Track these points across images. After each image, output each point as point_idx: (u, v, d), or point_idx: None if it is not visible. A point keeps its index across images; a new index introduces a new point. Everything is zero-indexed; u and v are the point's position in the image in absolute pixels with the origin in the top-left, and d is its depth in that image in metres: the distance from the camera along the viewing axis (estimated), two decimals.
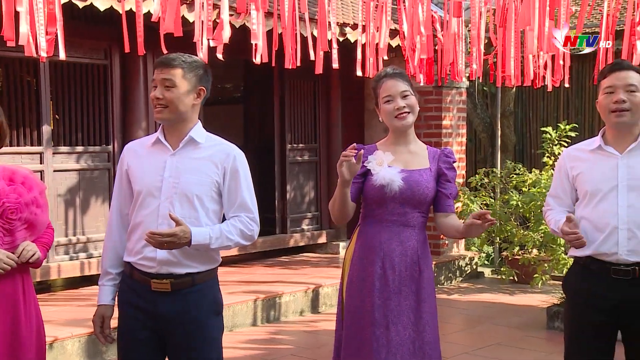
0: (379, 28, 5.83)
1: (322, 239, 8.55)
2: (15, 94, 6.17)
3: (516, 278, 7.90)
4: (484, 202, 8.22)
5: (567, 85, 6.91)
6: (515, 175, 8.25)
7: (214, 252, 2.91)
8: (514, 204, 7.75)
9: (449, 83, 7.93)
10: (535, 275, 7.58)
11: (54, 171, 6.36)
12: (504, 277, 7.90)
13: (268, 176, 8.31)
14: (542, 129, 8.58)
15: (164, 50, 4.52)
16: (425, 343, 3.06)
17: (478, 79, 8.79)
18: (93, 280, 5.98)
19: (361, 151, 2.96)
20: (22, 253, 2.82)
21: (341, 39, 6.97)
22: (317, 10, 5.69)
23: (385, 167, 3.04)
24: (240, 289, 6.48)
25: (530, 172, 8.21)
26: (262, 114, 8.63)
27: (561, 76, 6.47)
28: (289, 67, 5.46)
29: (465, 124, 8.64)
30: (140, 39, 4.67)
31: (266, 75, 8.14)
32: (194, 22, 4.99)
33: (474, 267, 8.43)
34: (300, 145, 8.47)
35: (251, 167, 3.06)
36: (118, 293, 2.96)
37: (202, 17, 4.87)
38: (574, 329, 3.19)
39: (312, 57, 5.56)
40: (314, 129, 8.59)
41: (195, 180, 2.84)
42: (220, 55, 4.99)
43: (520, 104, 10.55)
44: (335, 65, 5.69)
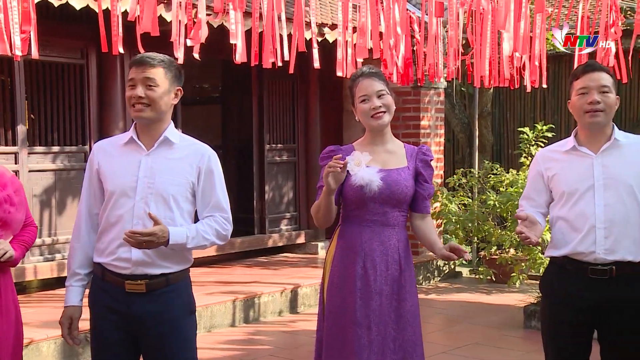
0: (356, 28, 5.83)
1: (301, 239, 8.54)
2: None
3: (494, 278, 7.94)
4: (462, 202, 8.26)
5: (545, 86, 6.96)
6: (492, 176, 8.30)
7: (187, 252, 2.91)
8: (491, 204, 7.80)
9: (427, 83, 7.96)
10: (512, 275, 7.63)
11: (30, 171, 6.29)
12: (481, 276, 7.94)
13: (246, 176, 8.28)
14: (519, 129, 8.64)
15: (142, 50, 4.49)
16: (405, 341, 3.07)
17: (456, 80, 8.83)
18: None
19: (346, 160, 2.97)
20: None
21: (319, 39, 6.97)
22: (294, 10, 5.68)
23: (364, 168, 3.04)
24: (219, 289, 6.46)
25: (508, 172, 8.27)
26: (241, 114, 8.60)
27: (537, 77, 6.52)
28: (268, 67, 5.44)
29: (444, 124, 8.68)
30: (116, 39, 4.63)
31: (244, 75, 8.12)
32: (171, 22, 4.96)
33: (452, 267, 8.46)
34: (279, 145, 8.45)
35: (229, 167, 3.06)
36: (89, 294, 2.93)
37: (180, 17, 4.85)
38: (551, 328, 3.21)
39: (286, 58, 5.54)
40: (292, 129, 8.58)
41: (171, 181, 2.84)
42: (197, 55, 4.97)
43: (498, 104, 10.62)
44: (316, 65, 5.68)
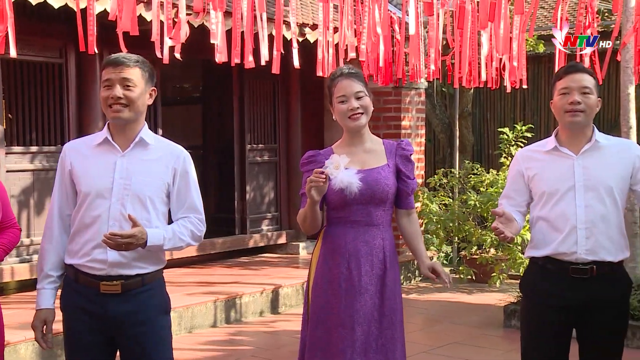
0: (337, 29, 5.83)
1: (282, 240, 8.53)
2: None
3: (474, 277, 7.98)
4: (443, 202, 8.29)
5: (525, 87, 7.01)
6: (473, 176, 8.34)
7: (161, 253, 2.91)
8: (472, 203, 7.84)
9: (407, 84, 7.98)
10: (492, 275, 7.68)
11: (7, 172, 6.22)
12: (462, 276, 7.98)
13: (227, 177, 8.25)
14: (500, 129, 8.69)
15: (123, 49, 4.46)
16: (387, 340, 3.08)
17: (437, 80, 8.87)
18: None
19: (326, 171, 2.97)
20: None
21: (300, 39, 6.96)
22: (275, 10, 5.68)
23: (342, 170, 3.04)
24: (200, 290, 6.43)
25: (488, 172, 8.32)
26: (221, 114, 8.57)
27: (517, 77, 6.56)
28: (249, 67, 5.43)
29: (424, 124, 8.70)
30: (92, 38, 4.60)
31: (225, 75, 8.09)
32: (151, 21, 4.94)
33: None
34: (260, 145, 8.43)
35: (210, 167, 3.06)
36: (60, 296, 2.90)
37: (161, 17, 4.82)
38: (532, 328, 3.23)
39: (267, 59, 5.53)
40: (273, 129, 8.56)
41: (147, 182, 2.83)
42: (178, 55, 4.95)
43: (478, 105, 10.68)
44: (296, 65, 5.67)
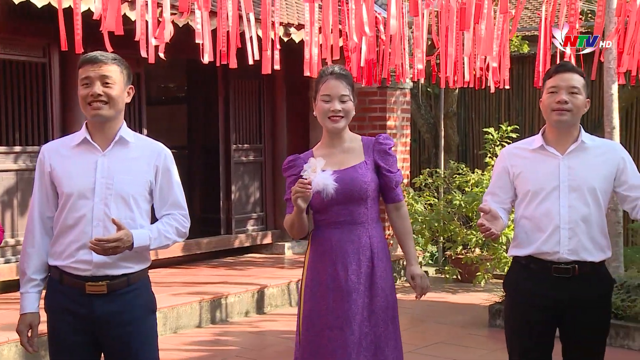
0: (321, 29, 5.83)
1: (268, 240, 8.52)
2: None
3: (459, 277, 8.01)
4: (428, 202, 8.32)
5: (508, 87, 7.04)
6: (458, 176, 8.37)
7: (146, 252, 2.90)
8: (457, 203, 7.87)
9: (392, 84, 7.99)
10: (477, 274, 7.72)
11: None
12: (447, 276, 8.01)
13: (212, 177, 8.23)
14: (484, 129, 8.73)
15: (109, 49, 4.44)
16: (377, 337, 3.08)
17: (422, 80, 8.88)
18: None
19: (309, 179, 2.99)
20: None
21: (286, 39, 6.96)
22: (261, 10, 5.67)
23: (319, 173, 3.04)
24: (185, 290, 6.41)
25: (473, 172, 8.35)
26: (206, 114, 8.55)
27: (499, 78, 6.59)
28: (233, 67, 5.42)
29: (410, 124, 8.72)
30: (79, 37, 4.57)
31: (210, 75, 8.07)
32: (135, 21, 4.92)
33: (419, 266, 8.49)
34: (245, 145, 8.42)
35: (195, 167, 3.05)
36: (45, 298, 2.88)
37: (146, 16, 4.80)
38: (515, 327, 3.25)
39: (256, 57, 5.52)
40: (258, 129, 8.55)
41: (130, 181, 2.82)
42: (162, 55, 4.93)
43: (463, 105, 10.72)
44: (276, 67, 5.66)
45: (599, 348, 3.20)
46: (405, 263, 7.89)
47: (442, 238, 8.35)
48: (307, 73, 5.85)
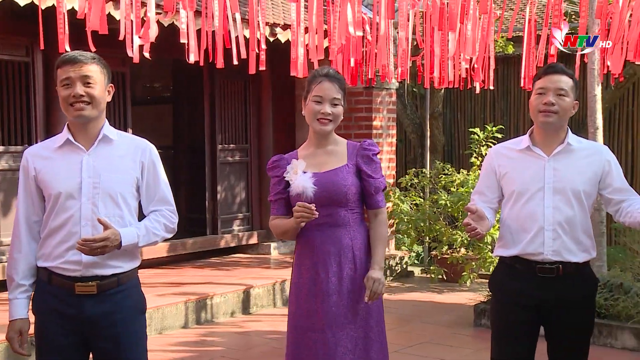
0: (307, 29, 5.83)
1: (253, 240, 8.51)
2: None
3: (445, 277, 8.03)
4: (414, 202, 8.34)
5: (492, 88, 7.07)
6: (444, 176, 8.40)
7: (136, 251, 2.89)
8: (442, 203, 7.89)
9: (378, 84, 8.00)
10: (463, 274, 7.74)
11: None
12: (433, 276, 8.03)
13: (198, 177, 8.21)
14: (470, 129, 8.76)
15: (92, 48, 4.41)
16: (361, 339, 3.08)
17: (407, 80, 8.90)
18: None
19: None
20: None
21: (272, 39, 6.95)
22: (247, 10, 5.66)
23: (300, 175, 3.04)
24: (170, 290, 6.39)
25: (459, 173, 8.38)
26: (192, 114, 8.53)
27: (481, 78, 6.62)
28: (220, 67, 5.41)
29: (395, 124, 8.74)
30: (62, 36, 4.54)
31: (196, 75, 8.05)
32: (120, 20, 4.89)
33: (404, 266, 8.53)
34: (231, 145, 8.40)
35: (181, 167, 3.05)
36: (33, 299, 2.87)
37: (131, 16, 4.78)
38: (501, 326, 3.26)
39: (243, 57, 5.51)
40: (244, 129, 8.54)
41: (117, 179, 2.81)
42: (147, 54, 4.91)
43: (449, 105, 10.74)
44: (262, 67, 5.66)
45: (583, 347, 3.22)
46: (390, 263, 7.88)
47: (427, 238, 8.38)
48: (293, 73, 5.84)
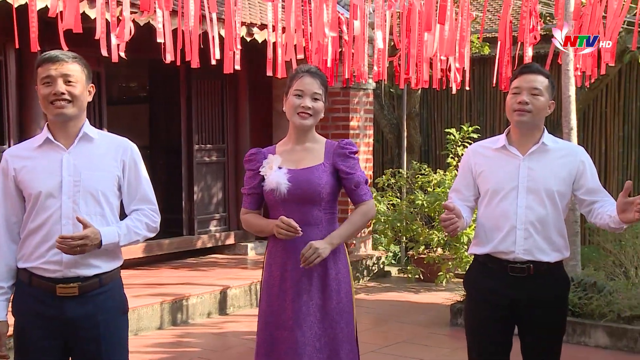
0: (284, 29, 5.83)
1: (230, 240, 8.48)
2: None
3: (422, 276, 8.07)
4: (391, 202, 8.36)
5: (468, 88, 7.12)
6: (420, 176, 8.44)
7: (118, 250, 2.88)
8: (419, 203, 7.93)
9: (355, 84, 8.02)
10: (439, 274, 7.78)
11: None
12: (410, 275, 8.06)
13: (175, 177, 8.16)
14: (447, 130, 8.81)
15: (65, 47, 4.37)
16: (331, 340, 3.07)
17: (384, 81, 8.93)
18: None
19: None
20: None
21: (248, 39, 6.94)
22: (224, 9, 5.64)
23: (275, 171, 3.04)
24: (146, 291, 6.34)
25: (435, 173, 8.42)
26: (168, 113, 8.48)
27: (460, 79, 6.66)
28: (195, 66, 5.39)
29: (372, 124, 8.76)
30: (34, 35, 4.50)
31: (172, 75, 8.00)
32: (95, 19, 4.85)
33: (381, 266, 8.55)
34: (208, 145, 8.37)
35: (157, 167, 3.03)
36: (13, 301, 2.84)
37: (106, 15, 4.74)
38: (474, 324, 3.28)
39: (217, 57, 5.49)
40: (221, 129, 8.50)
41: (98, 176, 2.80)
42: (122, 54, 4.87)
43: (426, 105, 10.79)
44: (237, 67, 5.64)
45: (555, 347, 3.25)
46: (367, 263, 7.89)
47: (404, 238, 8.41)
48: (269, 73, 5.83)
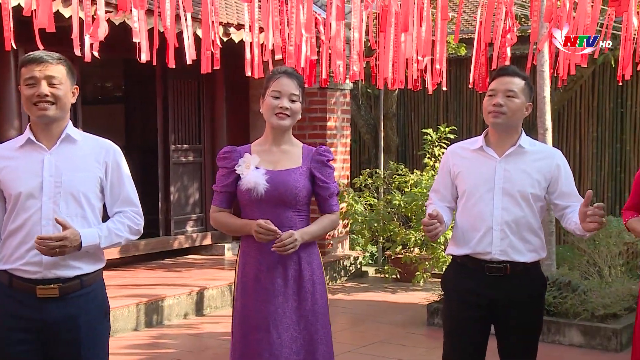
0: (262, 29, 5.81)
1: (207, 241, 8.45)
2: None
3: (399, 276, 8.10)
4: (368, 203, 8.38)
5: (445, 89, 7.16)
6: (397, 176, 8.46)
7: (100, 252, 2.86)
8: (396, 203, 7.95)
9: (332, 85, 8.02)
10: (416, 274, 7.81)
11: None
12: (387, 275, 8.09)
13: (151, 177, 8.12)
14: (423, 130, 8.85)
15: (40, 46, 4.33)
16: (307, 341, 3.08)
17: (361, 81, 8.95)
18: None
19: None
20: None
21: (225, 39, 6.91)
22: (200, 9, 5.61)
23: (252, 170, 3.04)
24: (122, 293, 6.29)
25: (412, 173, 8.45)
26: (145, 113, 8.43)
27: (439, 79, 6.69)
28: (171, 66, 5.35)
29: (350, 125, 8.77)
30: (9, 34, 4.44)
31: (148, 75, 7.95)
32: (70, 18, 4.81)
33: (359, 266, 8.57)
34: (185, 146, 8.33)
35: (133, 168, 3.02)
36: None
37: (80, 13, 4.70)
38: (452, 324, 3.30)
39: (193, 57, 5.46)
40: (198, 129, 8.47)
41: (79, 178, 2.78)
42: (96, 53, 4.83)
43: (403, 106, 10.83)
44: (216, 67, 5.62)
45: (531, 346, 3.27)
46: (345, 263, 7.89)
47: (381, 238, 8.43)
48: (248, 73, 5.81)
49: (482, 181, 3.20)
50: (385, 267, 8.17)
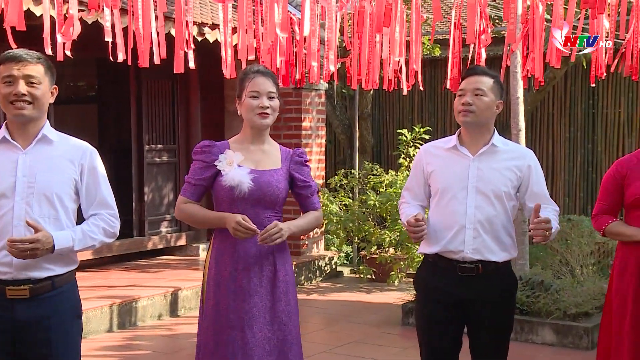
0: (236, 29, 5.79)
1: (182, 242, 8.40)
2: None
3: (374, 276, 8.12)
4: (343, 203, 8.39)
5: (422, 89, 7.19)
6: (372, 176, 8.49)
7: (72, 254, 2.83)
8: (371, 204, 7.97)
9: (307, 85, 8.02)
10: (391, 273, 7.84)
11: None
12: (362, 275, 8.10)
13: (125, 177, 8.05)
14: (398, 131, 8.88)
15: (13, 45, 4.27)
16: (280, 342, 3.08)
17: (335, 82, 8.96)
18: None
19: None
20: None
21: (199, 39, 6.88)
22: (174, 8, 5.57)
23: (235, 168, 3.04)
24: (95, 294, 6.24)
25: (387, 173, 8.48)
26: (118, 113, 8.37)
27: (414, 80, 6.71)
28: (143, 66, 5.31)
29: (325, 125, 8.78)
30: None
31: (122, 74, 7.89)
32: (41, 16, 4.75)
33: (334, 266, 8.58)
34: (159, 146, 8.28)
35: (107, 168, 2.99)
36: None
37: (52, 12, 4.64)
38: (425, 324, 3.31)
39: (163, 57, 5.42)
40: (172, 129, 8.42)
41: (53, 179, 2.75)
42: (68, 52, 4.78)
43: (378, 106, 10.86)
44: (191, 66, 5.59)
45: (502, 345, 3.30)
46: (320, 263, 7.89)
47: (356, 238, 8.45)
48: (225, 73, 5.79)
49: (456, 180, 3.22)
50: (360, 267, 8.18)
